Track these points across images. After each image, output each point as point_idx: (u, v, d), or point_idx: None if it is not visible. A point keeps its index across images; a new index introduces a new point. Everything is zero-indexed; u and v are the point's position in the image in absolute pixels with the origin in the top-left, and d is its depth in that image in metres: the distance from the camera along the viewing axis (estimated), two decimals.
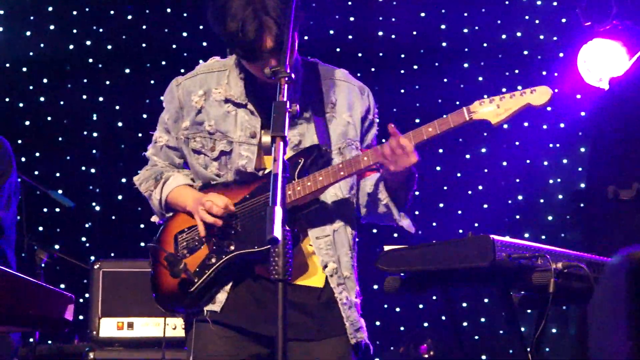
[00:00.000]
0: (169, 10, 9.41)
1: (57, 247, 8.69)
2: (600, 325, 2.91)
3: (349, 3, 9.57)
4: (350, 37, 9.58)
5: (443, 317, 8.69)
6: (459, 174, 9.55)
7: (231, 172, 4.29)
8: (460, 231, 8.84)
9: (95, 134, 9.29)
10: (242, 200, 4.23)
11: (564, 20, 9.51)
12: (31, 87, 9.24)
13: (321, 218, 4.25)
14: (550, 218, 9.53)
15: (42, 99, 9.24)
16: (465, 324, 9.40)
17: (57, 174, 9.18)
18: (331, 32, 9.50)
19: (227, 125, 4.28)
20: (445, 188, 9.57)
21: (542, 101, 4.00)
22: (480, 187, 9.55)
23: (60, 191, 8.25)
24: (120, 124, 9.12)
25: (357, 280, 4.33)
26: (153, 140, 4.53)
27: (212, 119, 4.29)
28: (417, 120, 9.19)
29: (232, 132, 4.27)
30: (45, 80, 9.25)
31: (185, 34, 9.24)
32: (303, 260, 4.24)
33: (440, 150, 9.55)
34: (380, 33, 9.58)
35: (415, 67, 9.64)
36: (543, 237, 9.33)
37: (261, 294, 4.18)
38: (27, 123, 9.19)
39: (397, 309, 9.39)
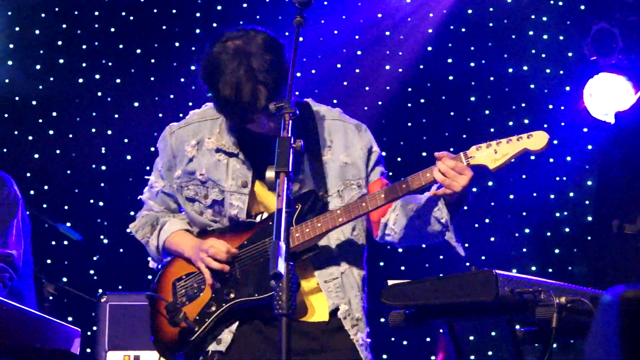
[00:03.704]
0: (177, 44, 9.47)
1: (64, 280, 8.69)
2: None
3: (356, 37, 9.59)
4: (357, 70, 9.61)
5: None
6: (465, 207, 9.53)
7: (225, 219, 4.29)
8: (467, 264, 8.81)
9: (103, 167, 9.31)
10: (240, 247, 4.22)
11: (570, 54, 9.53)
12: (40, 121, 9.27)
13: (327, 260, 4.23)
14: (557, 251, 9.52)
15: (51, 132, 9.28)
16: (472, 357, 9.37)
17: (65, 207, 9.20)
18: (338, 65, 9.53)
19: (219, 174, 4.26)
20: None
21: (540, 146, 3.98)
22: (487, 221, 9.54)
23: (68, 224, 8.28)
24: (128, 157, 9.15)
25: (367, 324, 4.32)
26: (149, 184, 4.53)
27: (204, 168, 4.28)
28: (424, 154, 9.23)
29: (224, 181, 4.25)
30: (54, 114, 9.29)
31: (193, 68, 9.28)
32: (308, 301, 4.23)
33: None
34: (387, 67, 9.61)
35: (422, 100, 9.67)
36: (550, 270, 9.31)
37: (267, 330, 4.17)
38: (36, 156, 9.21)
39: (405, 342, 9.37)
